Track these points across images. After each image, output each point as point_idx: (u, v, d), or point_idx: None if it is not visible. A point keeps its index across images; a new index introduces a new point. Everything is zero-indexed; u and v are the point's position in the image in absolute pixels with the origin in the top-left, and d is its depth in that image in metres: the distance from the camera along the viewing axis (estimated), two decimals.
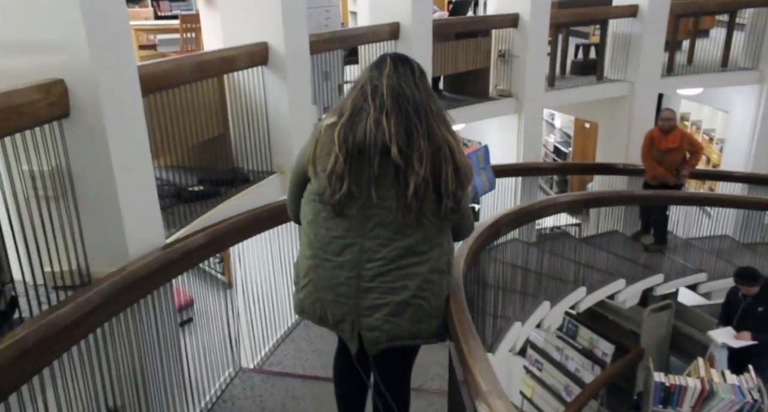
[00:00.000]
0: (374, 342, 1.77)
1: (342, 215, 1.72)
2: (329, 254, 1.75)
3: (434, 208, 1.71)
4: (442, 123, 1.76)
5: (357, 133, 1.69)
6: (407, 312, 1.74)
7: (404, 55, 1.82)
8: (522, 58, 5.96)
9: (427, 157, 1.68)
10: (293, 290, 1.93)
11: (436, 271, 1.76)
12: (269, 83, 3.63)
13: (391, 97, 1.70)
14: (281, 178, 3.79)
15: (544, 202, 4.49)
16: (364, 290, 1.73)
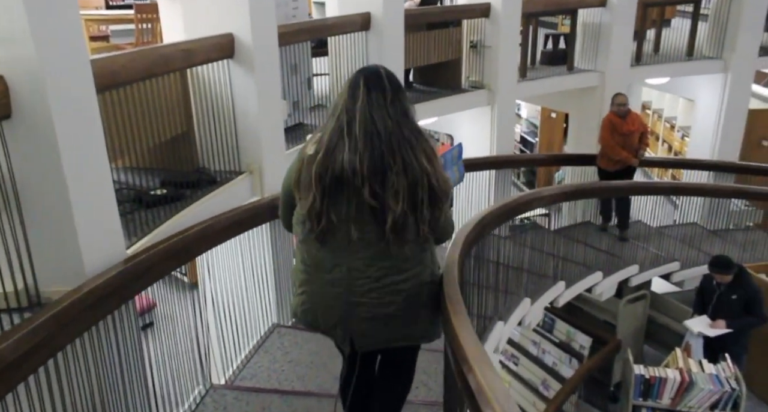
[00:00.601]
0: (365, 344, 1.92)
1: (326, 244, 1.83)
2: (321, 271, 1.87)
3: (414, 232, 1.81)
4: (417, 148, 1.79)
5: (334, 169, 1.75)
6: (394, 322, 1.88)
7: (377, 72, 1.82)
8: (494, 49, 5.83)
9: (404, 192, 1.76)
10: (291, 293, 2.05)
11: (419, 285, 1.89)
12: (236, 77, 3.39)
13: (363, 138, 1.75)
14: (250, 178, 3.56)
15: (527, 196, 4.37)
16: (354, 303, 1.85)
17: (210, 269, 3.28)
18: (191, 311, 2.95)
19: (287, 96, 4.21)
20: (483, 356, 1.62)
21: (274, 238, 3.57)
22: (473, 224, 2.91)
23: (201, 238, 2.85)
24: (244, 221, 3.27)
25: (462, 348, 1.66)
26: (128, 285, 2.27)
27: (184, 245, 2.70)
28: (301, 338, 3.52)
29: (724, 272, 5.09)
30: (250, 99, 3.41)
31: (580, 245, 5.58)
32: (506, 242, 5.06)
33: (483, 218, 3.12)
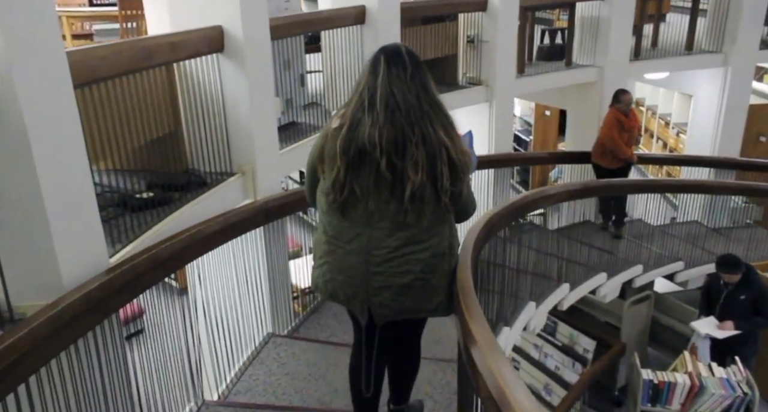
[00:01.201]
0: (382, 316, 1.97)
1: (347, 214, 1.91)
2: (341, 242, 1.94)
3: (434, 203, 1.88)
4: (437, 122, 1.87)
5: (356, 143, 1.84)
6: (411, 292, 1.93)
7: (396, 49, 1.90)
8: (492, 44, 5.66)
9: (423, 163, 1.83)
10: (311, 267, 2.09)
11: (436, 256, 1.94)
12: (226, 73, 3.19)
13: (384, 112, 1.83)
14: (243, 180, 3.37)
15: (534, 194, 4.21)
16: (372, 273, 1.91)
17: (200, 276, 3.09)
18: (181, 321, 2.76)
19: (280, 93, 4.02)
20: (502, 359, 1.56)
21: (268, 242, 3.38)
22: (482, 223, 2.75)
23: (190, 244, 2.66)
24: (236, 225, 3.08)
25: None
26: (111, 298, 2.07)
27: (173, 253, 2.51)
28: (298, 349, 3.34)
29: (732, 271, 4.95)
30: (242, 96, 3.22)
31: (582, 245, 5.43)
32: (508, 244, 4.90)
33: (490, 219, 2.95)
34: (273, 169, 3.58)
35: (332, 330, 3.67)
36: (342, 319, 3.82)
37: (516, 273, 4.15)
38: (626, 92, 5.72)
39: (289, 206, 3.54)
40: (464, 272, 1.99)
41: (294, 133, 4.15)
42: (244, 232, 3.17)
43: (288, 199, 3.51)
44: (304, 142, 4.05)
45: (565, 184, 5.44)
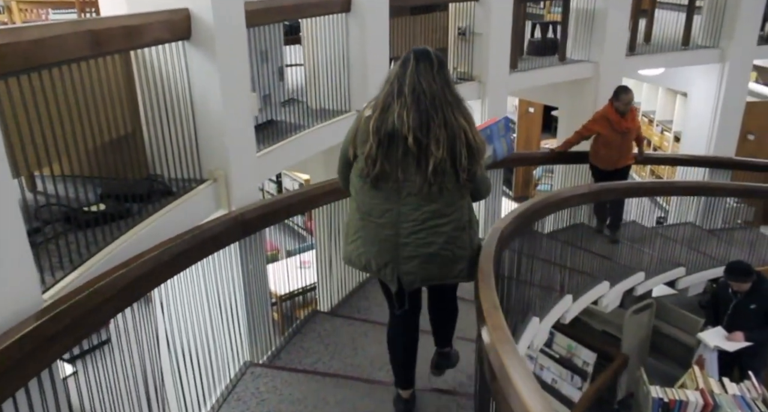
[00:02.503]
0: (410, 283, 2.24)
1: (379, 188, 2.15)
2: (373, 217, 2.18)
3: (453, 180, 2.11)
4: (457, 110, 2.11)
5: (386, 125, 2.08)
6: (436, 261, 2.18)
7: (425, 50, 2.14)
8: (485, 37, 5.27)
9: (444, 141, 2.07)
10: (343, 245, 2.35)
11: (458, 228, 2.19)
12: (194, 64, 2.74)
13: (411, 96, 2.07)
14: (214, 187, 2.92)
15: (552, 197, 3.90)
16: (401, 244, 2.16)
17: (164, 302, 2.64)
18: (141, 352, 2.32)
19: (257, 88, 3.58)
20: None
21: (244, 259, 2.95)
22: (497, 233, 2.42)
23: (153, 269, 2.22)
24: (208, 241, 2.65)
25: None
26: (46, 348, 1.63)
27: (130, 282, 2.06)
28: (280, 381, 2.92)
29: (742, 279, 4.67)
30: (213, 91, 2.77)
31: (581, 251, 5.09)
32: (506, 252, 4.53)
33: (504, 228, 2.57)
34: (249, 175, 3.14)
35: (318, 355, 3.26)
36: (329, 341, 3.40)
37: (518, 285, 3.78)
38: (627, 91, 5.36)
39: (269, 217, 3.11)
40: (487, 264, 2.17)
41: (273, 132, 3.71)
42: (217, 249, 2.73)
43: (268, 209, 3.08)
44: (284, 143, 3.61)
45: (583, 186, 5.10)
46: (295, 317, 6.54)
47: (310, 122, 4.08)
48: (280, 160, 3.62)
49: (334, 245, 4.07)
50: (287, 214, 3.38)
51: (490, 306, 1.84)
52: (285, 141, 3.64)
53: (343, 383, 2.93)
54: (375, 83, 4.46)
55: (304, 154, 3.96)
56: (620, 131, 5.40)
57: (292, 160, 3.89)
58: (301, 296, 6.76)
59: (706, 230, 6.64)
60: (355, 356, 3.26)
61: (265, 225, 3.10)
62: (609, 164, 5.59)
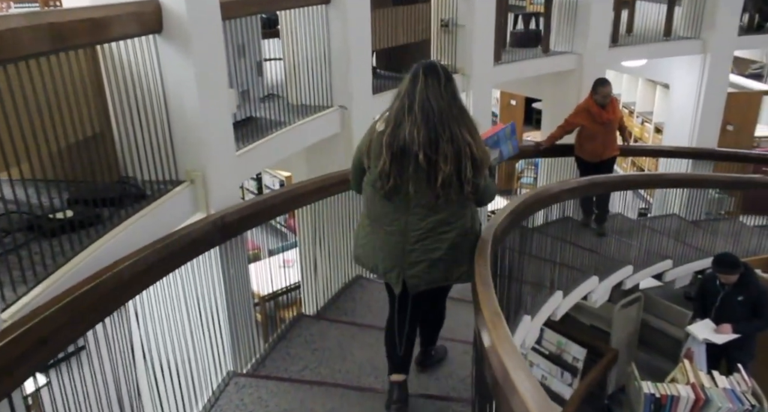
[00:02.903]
0: (415, 286, 2.39)
1: (390, 200, 2.29)
2: (383, 225, 2.34)
3: (458, 192, 2.25)
4: (463, 125, 2.23)
5: (398, 141, 2.21)
6: (439, 265, 2.34)
7: (433, 64, 2.25)
8: (468, 28, 5.16)
9: (451, 157, 2.18)
10: (353, 246, 2.53)
11: (461, 234, 2.34)
12: (167, 59, 2.58)
13: (421, 113, 2.18)
14: (192, 189, 2.77)
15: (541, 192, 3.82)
16: (408, 251, 2.32)
17: (139, 312, 2.49)
18: (115, 365, 2.17)
19: (234, 84, 3.42)
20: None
21: (225, 264, 2.80)
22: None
23: (126, 281, 2.06)
24: (186, 247, 2.49)
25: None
26: (7, 372, 1.48)
27: (101, 295, 1.91)
28: (266, 391, 2.78)
29: (730, 271, 4.63)
30: (187, 87, 2.62)
31: (569, 246, 5.02)
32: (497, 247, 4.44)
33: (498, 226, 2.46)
34: (229, 175, 3.00)
35: (304, 362, 3.12)
36: (315, 346, 3.28)
37: (508, 283, 3.69)
38: (605, 83, 5.34)
39: (250, 219, 2.97)
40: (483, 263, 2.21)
41: (252, 130, 3.56)
42: (196, 255, 2.58)
43: (249, 211, 2.93)
44: (264, 140, 3.47)
45: (574, 180, 5.03)
46: (279, 317, 6.42)
47: (291, 119, 3.93)
48: (261, 159, 3.48)
49: (318, 245, 3.94)
50: (270, 215, 3.23)
51: (492, 314, 1.74)
52: (265, 139, 3.50)
53: (332, 391, 2.80)
54: (357, 77, 4.37)
55: (285, 152, 3.82)
56: (602, 123, 5.38)
57: (273, 158, 3.75)
58: (284, 296, 6.64)
59: (691, 222, 6.64)
60: (343, 361, 3.14)
61: (246, 227, 2.95)
62: (594, 156, 5.55)
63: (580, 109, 5.46)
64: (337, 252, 4.05)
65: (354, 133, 4.32)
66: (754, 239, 6.27)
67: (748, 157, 7.55)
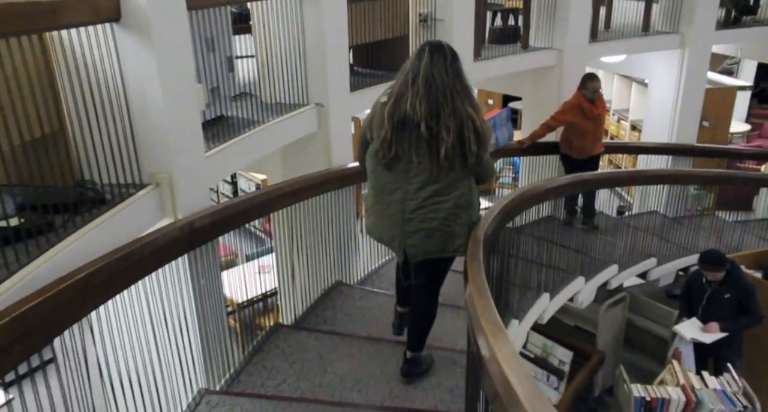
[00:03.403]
0: (414, 255, 2.50)
1: (391, 169, 2.40)
2: (384, 194, 2.46)
3: (461, 164, 2.34)
4: (466, 100, 2.31)
5: (399, 112, 2.31)
6: (436, 235, 2.43)
7: (439, 43, 2.33)
8: (447, 23, 5.00)
9: (453, 128, 2.28)
10: (365, 217, 2.65)
11: (457, 206, 2.41)
12: (127, 51, 2.37)
13: (424, 86, 2.27)
14: (157, 193, 2.56)
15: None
16: (406, 220, 2.43)
17: (97, 327, 2.27)
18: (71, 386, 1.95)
19: (203, 80, 3.21)
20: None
21: (195, 274, 2.59)
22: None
23: (81, 294, 1.85)
24: (150, 256, 2.29)
25: None
26: None
27: (53, 311, 1.70)
28: (241, 410, 2.59)
29: (716, 268, 4.55)
30: (150, 82, 2.41)
31: (554, 246, 4.89)
32: None
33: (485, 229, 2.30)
34: (198, 177, 2.79)
35: (282, 376, 2.93)
36: (294, 358, 3.08)
37: (496, 285, 3.55)
38: (594, 78, 5.32)
39: (222, 224, 2.77)
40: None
41: (223, 129, 3.35)
42: (162, 264, 2.38)
43: (220, 216, 2.73)
44: (236, 140, 3.26)
45: (565, 177, 4.92)
46: (255, 325, 6.22)
47: (265, 117, 3.73)
48: (233, 160, 3.27)
49: (295, 250, 3.74)
50: (244, 219, 3.03)
51: (494, 328, 1.58)
52: (237, 139, 3.29)
53: (313, 408, 2.62)
54: (334, 74, 4.18)
55: (258, 153, 3.61)
56: (592, 118, 5.35)
57: (246, 159, 3.54)
58: (261, 303, 6.45)
59: (672, 219, 6.59)
60: (323, 374, 2.95)
61: (217, 234, 2.75)
62: (583, 153, 5.49)
63: (570, 105, 5.37)
64: (316, 257, 3.86)
65: (332, 131, 4.14)
66: (735, 234, 6.24)
67: (742, 154, 7.61)
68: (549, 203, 5.76)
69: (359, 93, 4.43)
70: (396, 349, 3.13)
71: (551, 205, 5.80)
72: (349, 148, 4.48)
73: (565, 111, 5.39)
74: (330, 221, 3.95)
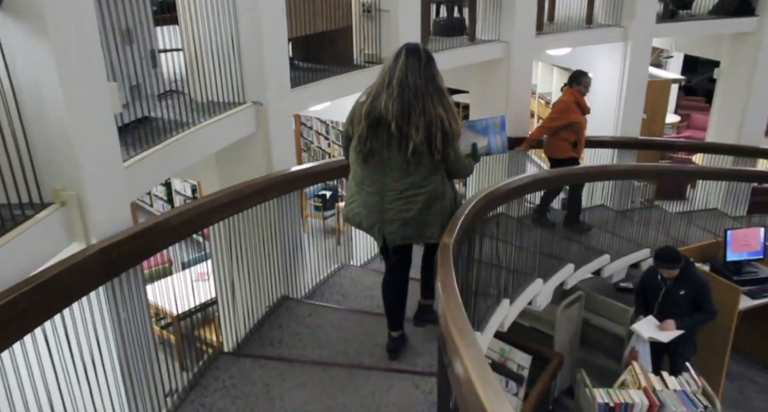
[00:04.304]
0: (392, 241, 2.75)
1: (368, 163, 2.64)
2: (364, 186, 2.70)
3: (429, 159, 2.57)
4: (437, 101, 2.52)
5: (375, 112, 2.54)
6: (412, 224, 2.68)
7: (416, 46, 2.56)
8: (393, 13, 4.70)
9: (422, 128, 2.50)
10: (344, 205, 2.89)
11: (431, 198, 2.66)
12: (13, 42, 1.94)
13: (398, 87, 2.49)
14: (63, 213, 2.14)
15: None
16: (385, 209, 2.68)
17: None
18: None
19: (120, 77, 2.78)
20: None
21: (113, 307, 2.19)
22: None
23: None
24: (55, 294, 1.88)
25: None
26: None
27: None
28: None
29: (672, 266, 4.47)
30: (47, 81, 1.98)
31: (511, 246, 4.68)
32: None
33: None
34: (114, 192, 2.37)
35: None
36: (237, 392, 2.72)
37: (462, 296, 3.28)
38: (586, 74, 5.32)
39: (145, 247, 2.36)
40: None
41: (146, 134, 2.93)
42: (70, 302, 1.97)
43: (143, 238, 2.33)
44: (162, 146, 2.85)
45: (530, 174, 4.74)
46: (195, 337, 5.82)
47: (196, 118, 3.33)
48: (158, 170, 2.86)
49: (235, 265, 3.37)
50: (172, 239, 2.62)
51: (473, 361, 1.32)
52: (164, 144, 2.88)
53: None
54: (273, 69, 3.80)
55: (190, 159, 3.21)
56: (586, 114, 5.38)
57: (174, 167, 3.13)
58: (200, 313, 6.04)
59: (620, 212, 6.56)
60: (272, 409, 2.61)
61: (140, 258, 2.35)
62: (581, 150, 5.46)
63: (568, 103, 5.28)
64: (259, 271, 3.50)
65: (272, 132, 3.77)
66: (681, 227, 6.25)
67: (683, 146, 7.71)
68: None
69: (301, 89, 4.08)
70: (352, 375, 2.83)
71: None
72: (292, 150, 4.12)
73: (566, 110, 5.28)
74: (273, 231, 3.59)
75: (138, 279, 2.38)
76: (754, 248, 5.49)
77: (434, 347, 2.94)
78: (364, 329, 3.41)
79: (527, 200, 5.78)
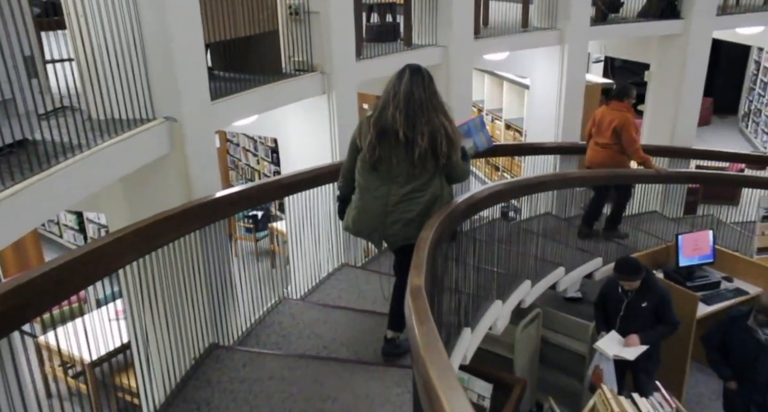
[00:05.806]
0: (393, 243, 2.95)
1: (376, 170, 2.81)
2: (370, 191, 2.86)
3: (433, 163, 2.76)
4: (440, 113, 2.75)
5: (382, 122, 2.73)
6: (413, 224, 2.82)
7: (418, 67, 2.76)
8: (323, 16, 4.25)
9: (427, 135, 2.70)
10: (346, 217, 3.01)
11: (431, 200, 2.85)
12: None
13: (404, 100, 2.70)
14: None
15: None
16: (388, 212, 2.84)
17: None
18: None
19: None
20: None
21: None
22: None
23: None
24: None
25: None
26: None
27: None
28: None
29: (633, 277, 4.23)
30: None
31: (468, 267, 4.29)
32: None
33: None
34: None
35: None
36: None
37: None
38: (633, 86, 5.25)
39: (17, 309, 1.78)
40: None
41: (24, 161, 2.33)
42: None
43: (15, 298, 1.74)
44: (48, 174, 2.27)
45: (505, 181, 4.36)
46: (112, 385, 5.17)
47: (94, 139, 2.75)
48: (41, 206, 2.27)
49: (151, 314, 2.80)
50: (58, 297, 2.03)
51: None
52: (47, 172, 2.30)
53: None
54: (187, 79, 3.25)
55: (86, 190, 2.63)
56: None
57: (66, 200, 2.54)
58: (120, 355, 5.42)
59: (565, 220, 6.35)
60: None
61: (11, 327, 1.77)
62: None
63: (629, 119, 5.17)
64: (181, 317, 2.94)
65: (189, 152, 3.22)
66: (629, 233, 6.10)
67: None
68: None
69: (223, 102, 3.55)
70: None
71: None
72: (215, 172, 3.58)
73: (633, 127, 5.23)
74: (196, 268, 3.05)
75: (13, 356, 1.80)
76: (705, 252, 5.39)
77: None
78: (311, 378, 2.92)
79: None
